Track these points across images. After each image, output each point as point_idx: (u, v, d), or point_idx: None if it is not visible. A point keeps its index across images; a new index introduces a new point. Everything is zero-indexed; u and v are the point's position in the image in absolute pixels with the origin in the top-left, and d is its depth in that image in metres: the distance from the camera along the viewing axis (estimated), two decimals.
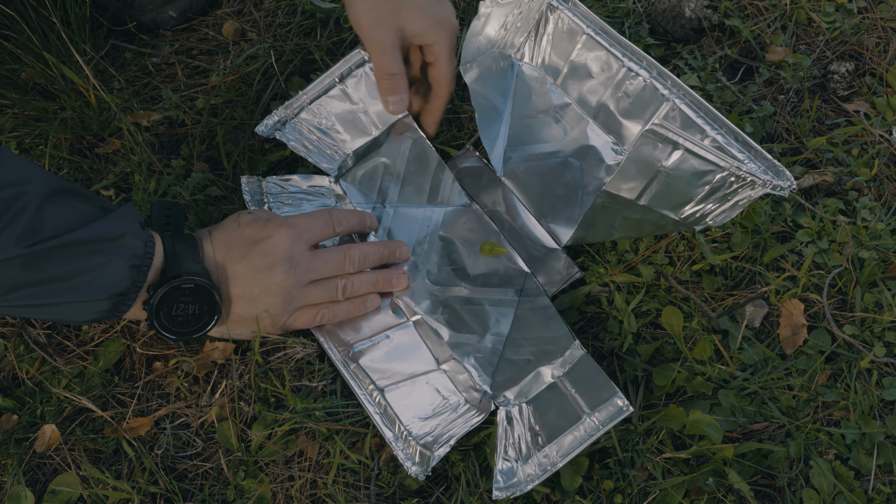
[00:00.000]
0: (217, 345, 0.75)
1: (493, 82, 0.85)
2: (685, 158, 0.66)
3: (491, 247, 0.79)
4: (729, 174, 0.66)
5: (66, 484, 0.69)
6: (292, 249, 0.70)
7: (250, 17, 1.00)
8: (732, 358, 0.75)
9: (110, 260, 0.61)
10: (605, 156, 0.81)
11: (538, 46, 0.85)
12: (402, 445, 0.69)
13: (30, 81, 0.92)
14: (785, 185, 0.66)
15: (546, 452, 0.67)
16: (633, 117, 0.80)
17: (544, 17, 0.83)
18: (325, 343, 0.74)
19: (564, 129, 0.83)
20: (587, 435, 0.67)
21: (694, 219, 0.70)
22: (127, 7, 0.95)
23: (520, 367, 0.73)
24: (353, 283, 0.74)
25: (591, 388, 0.69)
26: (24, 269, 0.57)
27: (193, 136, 0.90)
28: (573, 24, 0.82)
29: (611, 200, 0.70)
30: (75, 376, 0.74)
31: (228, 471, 0.70)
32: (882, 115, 0.91)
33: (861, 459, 0.71)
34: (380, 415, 0.70)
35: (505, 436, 0.69)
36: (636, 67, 0.78)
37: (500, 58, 0.86)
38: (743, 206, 0.68)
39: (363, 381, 0.72)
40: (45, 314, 0.63)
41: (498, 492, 0.66)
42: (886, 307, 0.77)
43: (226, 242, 0.70)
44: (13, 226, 0.56)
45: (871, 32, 0.98)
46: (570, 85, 0.84)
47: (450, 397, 0.72)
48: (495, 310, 0.77)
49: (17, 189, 0.57)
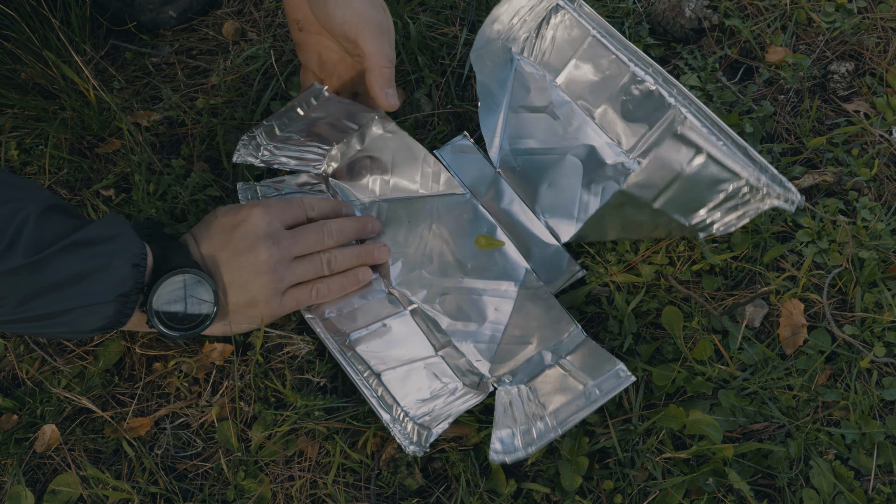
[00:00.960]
0: (216, 346, 0.75)
1: (494, 73, 0.85)
2: (707, 164, 0.68)
3: (487, 240, 0.79)
4: (745, 184, 0.68)
5: (66, 484, 0.69)
6: (270, 227, 0.71)
7: (250, 17, 1.00)
8: (732, 358, 0.75)
9: (112, 259, 0.63)
10: (605, 156, 0.81)
11: (540, 43, 0.85)
12: (399, 427, 0.68)
13: (30, 81, 0.92)
14: (795, 199, 0.67)
15: (546, 421, 0.67)
16: (637, 121, 0.80)
17: (549, 15, 0.84)
18: (322, 333, 0.74)
19: (563, 127, 0.83)
20: (588, 402, 0.66)
21: (702, 226, 0.71)
22: (127, 7, 0.95)
23: (519, 352, 0.73)
24: (337, 256, 0.75)
25: (592, 363, 0.69)
26: (34, 275, 0.58)
27: (193, 136, 0.90)
28: (578, 24, 0.82)
29: (625, 201, 0.70)
30: (75, 376, 0.74)
31: (228, 471, 0.70)
32: (882, 115, 0.91)
33: (861, 459, 0.71)
34: (376, 398, 0.70)
35: (503, 409, 0.68)
36: (642, 73, 0.78)
37: (502, 50, 0.86)
38: (749, 216, 0.69)
39: (359, 367, 0.72)
40: (55, 327, 0.63)
41: (495, 455, 0.65)
42: (886, 307, 0.77)
43: (207, 235, 0.71)
44: (20, 238, 0.58)
45: (871, 32, 0.98)
46: (571, 84, 0.84)
47: (447, 382, 0.72)
48: (494, 300, 0.77)
49: (18, 203, 0.59)
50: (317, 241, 0.74)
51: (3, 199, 0.59)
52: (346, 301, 0.76)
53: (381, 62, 0.74)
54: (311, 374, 0.74)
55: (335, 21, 0.74)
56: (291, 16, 0.80)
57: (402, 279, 0.78)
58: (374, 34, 0.73)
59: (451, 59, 0.94)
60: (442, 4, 0.99)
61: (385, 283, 0.78)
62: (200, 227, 0.73)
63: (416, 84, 0.93)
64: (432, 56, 0.95)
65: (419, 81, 0.93)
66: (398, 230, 0.80)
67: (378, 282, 0.78)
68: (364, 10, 0.73)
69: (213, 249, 0.70)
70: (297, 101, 0.78)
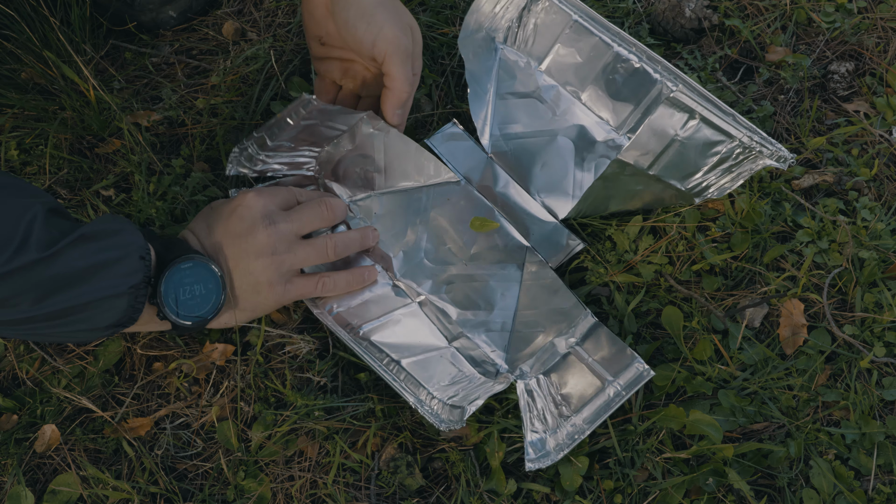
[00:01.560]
0: (217, 346, 0.75)
1: (480, 61, 0.86)
2: (700, 128, 0.70)
3: (482, 222, 0.79)
4: (738, 145, 0.71)
5: (66, 484, 0.69)
6: (266, 208, 0.72)
7: (250, 17, 1.00)
8: (732, 358, 0.75)
9: (120, 251, 0.63)
10: (596, 134, 0.82)
11: (523, 32, 0.86)
12: (428, 408, 0.69)
13: (30, 81, 0.92)
14: (787, 157, 0.71)
15: (573, 421, 0.68)
16: (624, 99, 0.81)
17: (530, 3, 0.85)
18: (332, 326, 0.74)
19: (552, 110, 0.85)
20: (613, 400, 0.68)
21: (697, 189, 0.73)
22: (127, 7, 0.95)
23: (533, 340, 0.74)
24: (341, 238, 0.75)
25: (608, 354, 0.71)
26: (48, 270, 0.59)
27: (193, 136, 0.90)
28: (560, 10, 0.83)
29: (621, 169, 0.72)
30: (75, 376, 0.74)
31: (228, 471, 0.70)
32: (882, 115, 0.91)
33: (861, 459, 0.71)
34: (399, 382, 0.70)
35: (528, 409, 0.69)
36: (625, 52, 0.80)
37: (486, 40, 0.87)
38: (744, 177, 0.73)
39: (377, 355, 0.72)
40: (71, 325, 0.63)
41: (530, 463, 0.67)
42: (886, 307, 0.77)
43: (205, 225, 0.72)
44: (31, 235, 0.58)
45: (871, 32, 0.98)
46: (556, 69, 0.85)
47: (465, 369, 0.73)
48: (500, 285, 0.77)
49: (26, 201, 0.60)
50: (316, 216, 0.75)
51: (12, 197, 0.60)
52: (353, 295, 0.76)
53: (402, 87, 0.78)
54: (311, 373, 0.74)
55: (364, 45, 0.76)
56: (313, 32, 0.81)
57: (405, 270, 0.78)
58: (402, 60, 0.77)
59: (451, 59, 0.94)
60: (442, 4, 0.99)
61: (389, 275, 0.78)
62: (197, 221, 0.73)
63: None
64: (432, 56, 0.95)
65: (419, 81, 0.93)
66: (396, 222, 0.80)
67: (382, 275, 0.78)
68: (394, 36, 0.75)
69: (212, 238, 0.71)
70: (286, 112, 0.81)
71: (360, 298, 0.76)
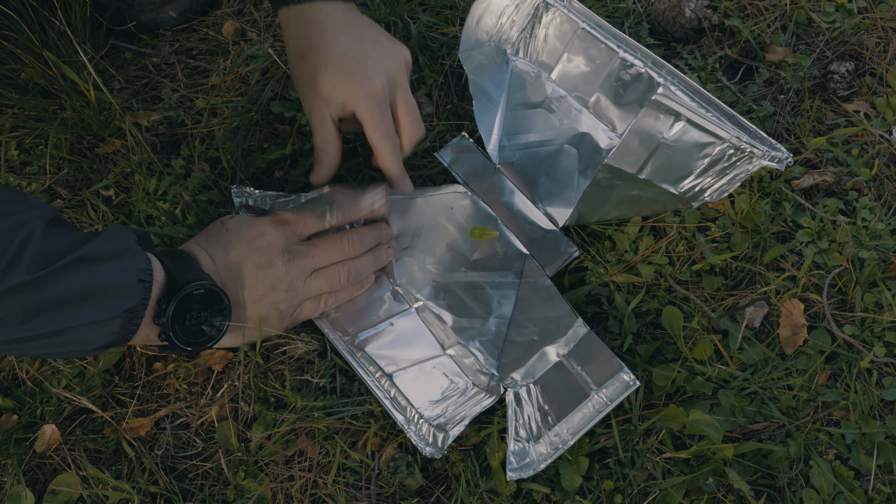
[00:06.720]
0: (216, 353, 0.74)
1: (489, 74, 0.86)
2: (686, 130, 0.69)
3: (481, 231, 0.79)
4: (728, 146, 0.69)
5: (66, 484, 0.69)
6: (288, 242, 0.71)
7: (250, 17, 1.00)
8: (732, 358, 0.75)
9: (117, 275, 0.61)
10: (600, 140, 0.82)
11: (534, 43, 0.86)
12: (415, 428, 0.69)
13: (30, 81, 0.92)
14: (783, 157, 0.68)
15: (556, 431, 0.68)
16: (628, 104, 0.81)
17: (541, 14, 0.84)
18: (329, 334, 0.74)
19: (560, 119, 0.85)
20: (596, 411, 0.68)
21: (692, 193, 0.72)
22: (127, 7, 0.95)
23: (525, 348, 0.74)
24: (355, 267, 0.75)
25: (596, 364, 0.71)
26: (37, 292, 0.56)
27: (193, 136, 0.90)
28: (569, 20, 0.83)
29: (612, 175, 0.71)
30: (75, 376, 0.74)
31: (228, 471, 0.70)
32: (882, 115, 0.91)
33: (861, 459, 0.71)
34: (389, 400, 0.71)
35: (515, 417, 0.69)
36: (630, 58, 0.79)
37: (496, 53, 0.86)
38: (740, 180, 0.70)
39: (370, 368, 0.73)
40: (58, 346, 0.61)
41: (512, 472, 0.67)
42: (886, 307, 0.77)
43: (221, 248, 0.70)
44: (23, 253, 0.56)
45: (871, 32, 0.98)
46: (564, 78, 0.85)
47: (458, 381, 0.73)
48: (497, 293, 0.77)
49: (21, 217, 0.57)
50: (337, 252, 0.74)
51: (6, 212, 0.57)
52: (352, 300, 0.76)
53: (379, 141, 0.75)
54: (310, 374, 0.74)
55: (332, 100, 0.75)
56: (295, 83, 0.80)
57: (405, 276, 0.78)
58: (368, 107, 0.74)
59: (451, 59, 0.94)
60: (442, 4, 0.99)
61: (389, 280, 0.78)
62: (210, 239, 0.71)
63: (416, 84, 0.93)
64: (432, 56, 0.95)
65: (419, 81, 0.93)
66: (399, 229, 0.80)
67: (382, 280, 0.78)
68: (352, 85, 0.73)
69: (229, 263, 0.69)
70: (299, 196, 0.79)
71: (359, 304, 0.76)
